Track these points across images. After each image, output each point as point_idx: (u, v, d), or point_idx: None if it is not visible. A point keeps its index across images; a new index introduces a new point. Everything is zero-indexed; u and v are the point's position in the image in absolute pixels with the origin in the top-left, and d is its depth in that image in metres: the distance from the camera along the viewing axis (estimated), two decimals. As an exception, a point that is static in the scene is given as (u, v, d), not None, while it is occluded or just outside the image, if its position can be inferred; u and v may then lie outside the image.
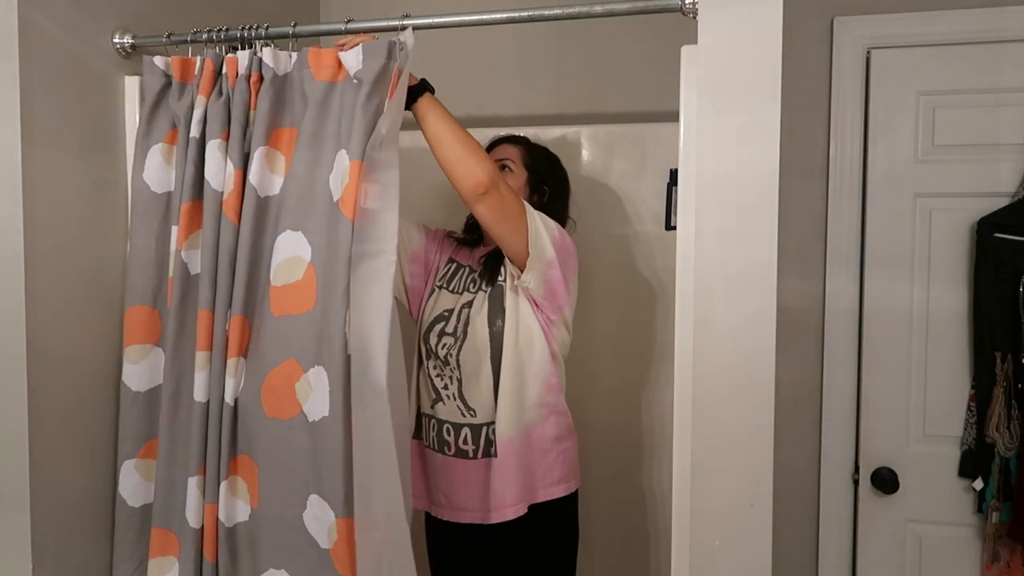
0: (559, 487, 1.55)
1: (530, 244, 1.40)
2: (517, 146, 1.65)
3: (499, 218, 1.39)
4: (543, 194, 1.63)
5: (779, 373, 1.14)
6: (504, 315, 1.50)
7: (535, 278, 1.44)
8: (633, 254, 1.94)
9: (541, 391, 1.52)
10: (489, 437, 1.51)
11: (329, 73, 1.29)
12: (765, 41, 1.11)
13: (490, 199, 1.35)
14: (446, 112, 1.36)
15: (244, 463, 1.33)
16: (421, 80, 1.36)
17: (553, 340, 1.53)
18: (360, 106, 1.25)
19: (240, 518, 1.34)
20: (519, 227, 1.40)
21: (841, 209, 1.88)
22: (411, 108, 1.35)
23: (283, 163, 1.32)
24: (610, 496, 1.97)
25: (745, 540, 1.16)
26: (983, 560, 1.82)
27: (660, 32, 1.65)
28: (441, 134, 1.34)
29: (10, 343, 1.25)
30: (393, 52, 1.26)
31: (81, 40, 1.35)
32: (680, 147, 1.17)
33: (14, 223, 1.23)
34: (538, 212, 1.45)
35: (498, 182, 1.36)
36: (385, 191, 1.27)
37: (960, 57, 1.80)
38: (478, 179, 1.33)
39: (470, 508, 1.54)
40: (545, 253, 1.43)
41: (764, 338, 1.14)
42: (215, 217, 1.32)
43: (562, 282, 1.48)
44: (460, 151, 1.33)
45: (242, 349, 1.32)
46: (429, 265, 1.67)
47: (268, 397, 1.30)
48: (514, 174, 1.60)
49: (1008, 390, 1.75)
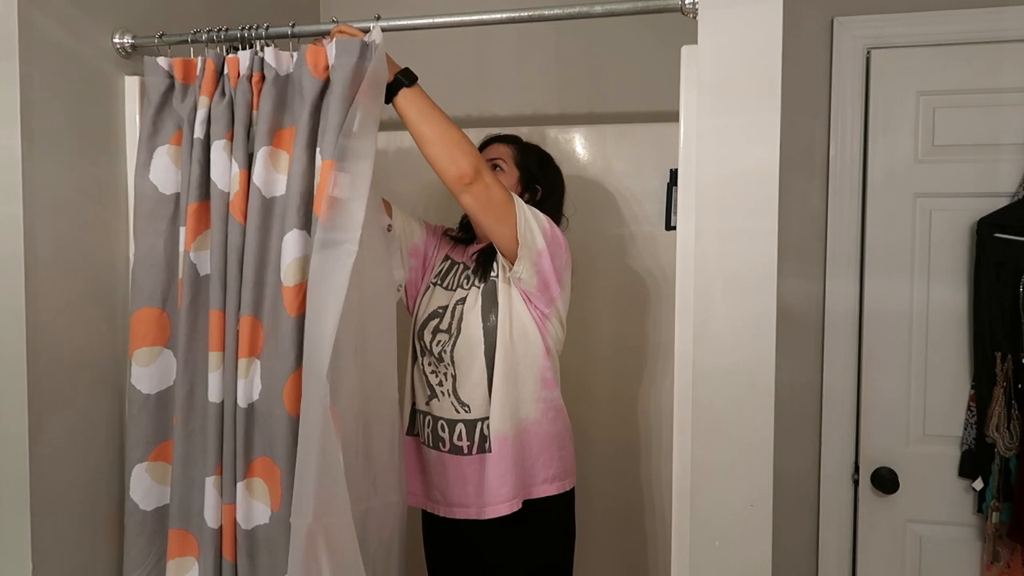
0: (554, 484, 1.55)
1: (519, 234, 1.41)
2: (508, 145, 1.65)
3: (485, 207, 1.39)
4: (535, 192, 1.63)
5: (779, 373, 1.14)
6: (497, 310, 1.50)
7: (526, 268, 1.44)
8: (633, 254, 1.94)
9: (536, 386, 1.52)
10: (483, 433, 1.51)
11: (324, 72, 1.29)
12: (765, 41, 1.11)
13: (475, 189, 1.35)
14: (427, 103, 1.35)
15: (264, 466, 1.32)
16: (400, 73, 1.34)
17: (547, 335, 1.53)
18: (333, 103, 1.26)
19: (259, 520, 1.33)
20: (507, 217, 1.40)
21: (841, 209, 1.88)
22: (391, 102, 1.34)
23: (287, 162, 1.32)
24: (609, 496, 1.97)
25: (745, 540, 1.16)
26: (983, 560, 1.82)
27: (660, 32, 1.65)
28: (422, 127, 1.34)
29: (10, 343, 1.25)
30: (366, 52, 1.26)
31: (81, 40, 1.35)
32: (680, 147, 1.17)
33: (14, 223, 1.23)
34: (524, 205, 1.45)
35: (482, 171, 1.36)
36: (355, 181, 1.27)
37: (960, 57, 1.80)
38: (461, 169, 1.33)
39: (465, 504, 1.54)
40: (535, 243, 1.43)
41: (764, 338, 1.14)
42: (222, 218, 1.32)
43: (553, 274, 1.48)
44: (442, 142, 1.33)
45: (254, 350, 1.31)
46: (427, 260, 1.67)
47: (291, 397, 1.29)
48: (506, 173, 1.61)
49: (1008, 390, 1.75)
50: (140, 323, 1.38)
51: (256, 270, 1.31)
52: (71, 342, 1.34)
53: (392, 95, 1.34)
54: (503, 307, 1.50)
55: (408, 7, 1.35)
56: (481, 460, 1.51)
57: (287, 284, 1.29)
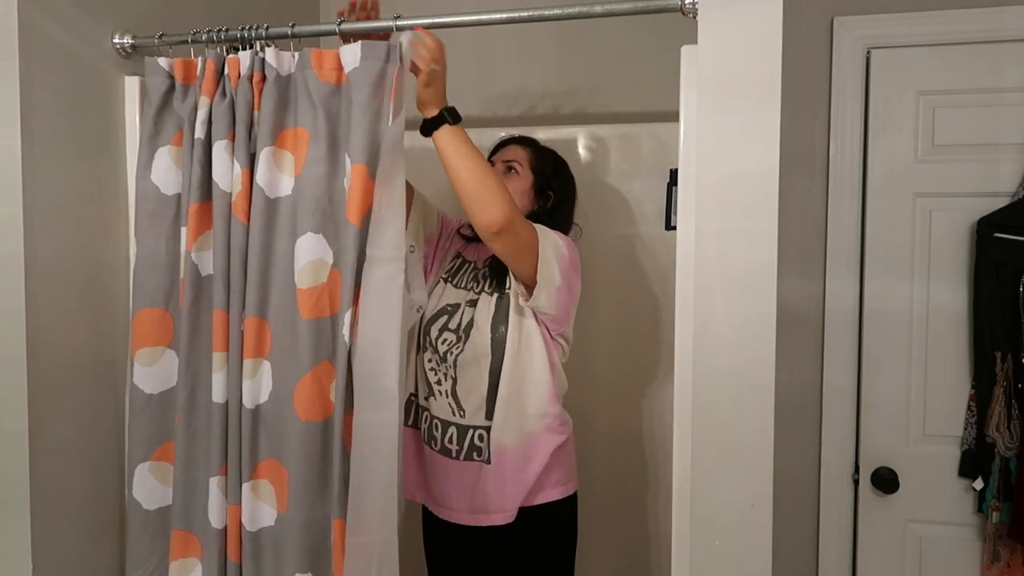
0: (557, 489, 1.54)
1: (538, 273, 1.40)
2: (526, 148, 1.64)
3: (513, 254, 1.39)
4: (548, 199, 1.62)
5: (779, 373, 1.14)
6: (507, 323, 1.49)
7: (544, 304, 1.44)
8: (633, 254, 1.94)
9: (542, 401, 1.52)
10: (475, 441, 1.51)
11: (332, 75, 1.29)
12: (765, 41, 1.11)
13: (504, 238, 1.34)
14: (468, 145, 1.33)
15: (271, 467, 1.32)
16: (445, 110, 1.32)
17: (554, 352, 1.53)
18: (359, 107, 1.25)
19: (265, 523, 1.33)
20: (531, 259, 1.40)
21: (841, 209, 1.88)
22: (430, 135, 1.33)
23: (292, 163, 1.32)
24: (610, 496, 1.97)
25: (745, 540, 1.16)
26: (983, 560, 1.82)
27: (660, 32, 1.65)
28: (460, 170, 1.31)
29: (10, 343, 1.25)
30: (391, 55, 1.25)
31: (81, 40, 1.35)
32: (680, 147, 1.17)
33: (14, 223, 1.23)
34: (550, 236, 1.43)
35: (514, 221, 1.33)
36: (392, 197, 1.26)
37: (960, 57, 1.80)
38: (492, 218, 1.31)
39: (450, 507, 1.54)
40: (553, 281, 1.43)
41: (764, 338, 1.13)
42: (224, 218, 1.31)
43: (568, 302, 1.49)
44: (477, 188, 1.31)
45: (260, 351, 1.31)
46: (439, 252, 1.66)
47: (302, 400, 1.29)
48: (520, 176, 1.60)
49: (1008, 390, 1.75)
50: (142, 323, 1.38)
51: (261, 271, 1.30)
52: (71, 342, 1.34)
53: (433, 128, 1.32)
54: (513, 321, 1.49)
55: (408, 7, 1.35)
56: (477, 469, 1.51)
57: (301, 287, 1.29)
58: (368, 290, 1.24)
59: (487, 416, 1.50)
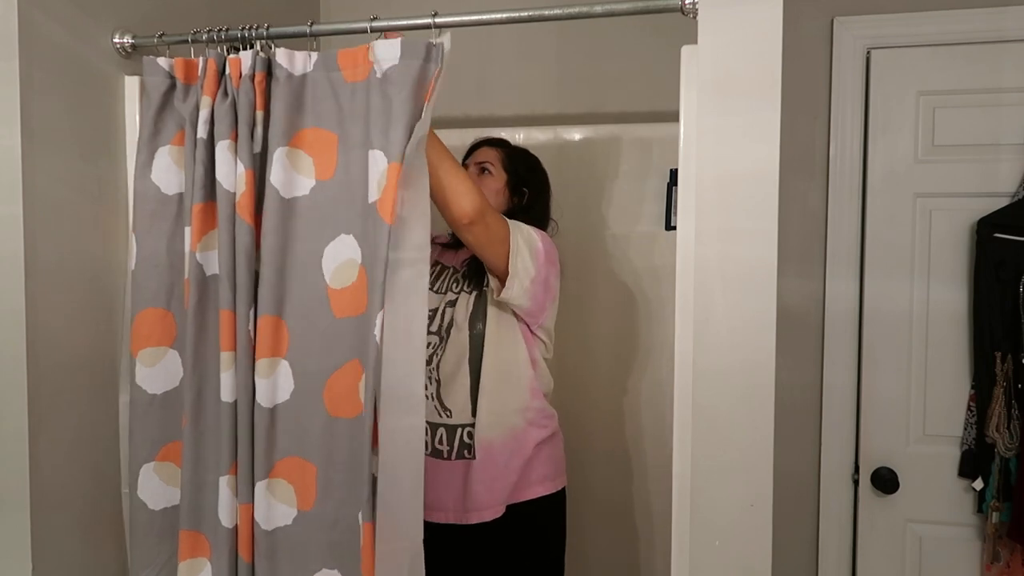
0: (543, 485, 1.55)
1: (510, 264, 1.43)
2: (497, 149, 1.66)
3: (484, 244, 1.41)
4: (523, 196, 1.64)
5: (779, 373, 1.14)
6: (485, 320, 1.51)
7: (517, 295, 1.46)
8: (633, 254, 1.94)
9: (524, 396, 1.53)
10: (464, 439, 1.52)
11: (361, 72, 1.27)
12: (765, 41, 1.11)
13: (476, 228, 1.37)
14: (442, 145, 1.35)
15: (292, 465, 1.31)
16: None
17: (534, 347, 1.55)
18: (399, 105, 1.23)
19: (281, 522, 1.32)
20: (503, 250, 1.42)
21: (841, 209, 1.88)
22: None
23: (311, 164, 1.31)
24: (609, 496, 1.97)
25: (745, 540, 1.16)
26: (983, 560, 1.82)
27: (660, 32, 1.65)
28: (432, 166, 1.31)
29: (10, 344, 1.25)
30: (431, 54, 1.24)
31: (81, 40, 1.35)
32: (680, 147, 1.17)
33: (14, 223, 1.23)
34: (523, 229, 1.45)
35: (485, 211, 1.37)
36: (418, 198, 1.26)
37: (960, 57, 1.80)
38: (463, 210, 1.34)
39: (444, 509, 1.55)
40: (528, 273, 1.45)
41: (764, 338, 1.13)
42: (229, 218, 1.31)
43: (545, 295, 1.50)
44: (447, 182, 1.34)
45: (277, 350, 1.30)
46: None
47: (332, 397, 1.29)
48: (494, 176, 1.62)
49: (1008, 390, 1.75)
50: (144, 324, 1.37)
51: (277, 270, 1.30)
52: (71, 342, 1.34)
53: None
54: (491, 317, 1.52)
55: (408, 7, 1.35)
56: (465, 466, 1.52)
57: (333, 287, 1.29)
58: (394, 292, 1.23)
59: (473, 413, 1.52)
